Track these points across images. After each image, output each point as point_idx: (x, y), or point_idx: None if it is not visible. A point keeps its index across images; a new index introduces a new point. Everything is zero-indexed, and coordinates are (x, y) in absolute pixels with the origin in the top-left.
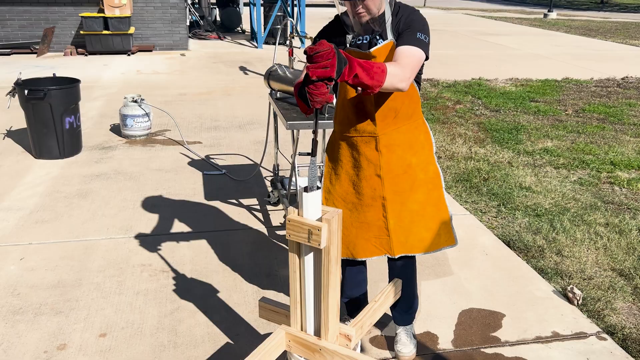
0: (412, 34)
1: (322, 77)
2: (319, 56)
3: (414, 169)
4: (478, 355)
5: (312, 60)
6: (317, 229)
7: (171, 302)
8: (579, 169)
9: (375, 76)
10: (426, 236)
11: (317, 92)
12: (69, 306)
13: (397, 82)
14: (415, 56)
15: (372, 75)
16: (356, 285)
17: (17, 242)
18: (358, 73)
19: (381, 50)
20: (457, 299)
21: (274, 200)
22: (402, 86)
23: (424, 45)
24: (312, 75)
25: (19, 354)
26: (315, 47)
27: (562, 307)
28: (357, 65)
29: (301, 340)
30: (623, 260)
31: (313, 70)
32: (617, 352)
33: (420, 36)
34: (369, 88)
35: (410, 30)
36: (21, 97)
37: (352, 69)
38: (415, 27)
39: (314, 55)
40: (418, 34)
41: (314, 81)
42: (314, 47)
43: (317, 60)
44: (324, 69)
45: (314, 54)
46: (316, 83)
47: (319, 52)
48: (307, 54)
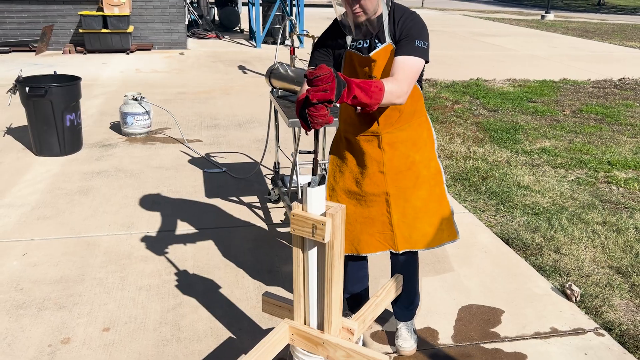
0: (411, 42)
1: (322, 100)
2: (318, 80)
3: (417, 165)
4: (478, 350)
5: (312, 84)
6: (321, 224)
7: (173, 298)
8: (577, 169)
9: (374, 95)
10: (429, 231)
11: (317, 114)
12: (72, 301)
13: (394, 98)
14: (414, 67)
15: (370, 94)
16: (358, 281)
17: (19, 238)
18: (357, 94)
19: (380, 53)
20: (457, 295)
21: (275, 198)
22: (400, 102)
23: (423, 52)
24: (313, 98)
25: (24, 347)
26: (315, 72)
27: (560, 304)
28: (356, 87)
29: (304, 334)
30: (620, 258)
31: (313, 93)
32: (614, 347)
33: (418, 44)
34: (367, 107)
35: (409, 38)
36: (22, 95)
37: (350, 91)
38: (413, 35)
39: (314, 79)
40: (416, 41)
41: (315, 104)
42: (314, 72)
43: (317, 84)
44: (324, 92)
45: (313, 78)
46: (316, 105)
47: (319, 76)
48: (307, 77)
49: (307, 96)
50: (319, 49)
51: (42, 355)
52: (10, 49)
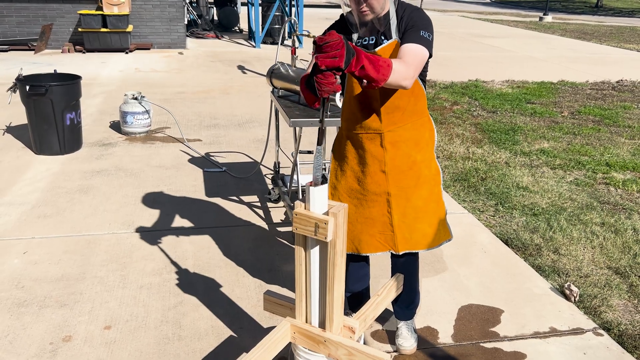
0: (416, 32)
1: (330, 66)
2: (328, 46)
3: (418, 165)
4: (477, 349)
5: (321, 50)
6: (323, 223)
7: (174, 296)
8: (575, 170)
9: (381, 70)
10: (429, 232)
11: (326, 81)
12: (73, 299)
13: (401, 79)
14: (419, 54)
15: (378, 68)
16: (359, 280)
17: (19, 236)
18: (365, 65)
19: (386, 49)
20: (457, 295)
21: (275, 198)
22: (406, 84)
23: (427, 43)
24: (321, 64)
25: (25, 345)
26: (324, 38)
27: (559, 304)
28: (364, 58)
29: (306, 332)
30: (619, 259)
31: (322, 59)
32: (613, 347)
33: (423, 34)
34: (374, 81)
35: (414, 28)
36: (22, 93)
37: (359, 61)
38: (418, 26)
39: (323, 45)
40: (422, 32)
41: (323, 70)
42: (324, 38)
43: (326, 50)
44: (333, 59)
45: (323, 44)
46: (325, 72)
47: (328, 42)
48: (316, 43)
49: (316, 63)
50: None
51: (44, 353)
52: (9, 47)
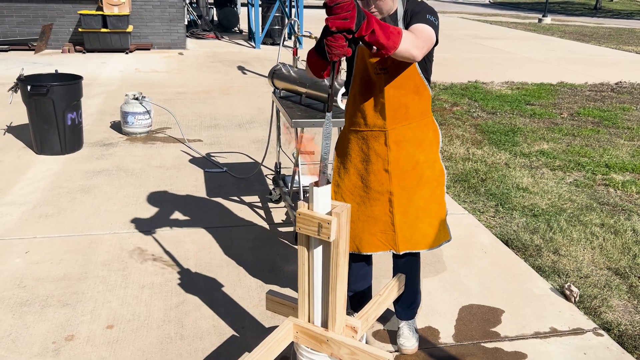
0: (422, 15)
1: (341, 28)
2: (338, 7)
3: (421, 165)
4: (478, 349)
5: (331, 12)
6: (327, 223)
7: (176, 296)
8: (575, 171)
9: (392, 36)
10: (430, 232)
11: (336, 44)
12: (75, 298)
13: (411, 47)
14: (428, 31)
15: (389, 35)
16: (361, 280)
17: (21, 235)
18: (375, 30)
19: None
20: (457, 295)
21: (276, 198)
22: (416, 53)
23: (433, 25)
24: (332, 26)
25: (28, 344)
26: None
27: (559, 304)
28: (375, 22)
29: (309, 332)
30: (618, 260)
31: (332, 21)
32: (613, 347)
33: (430, 18)
34: (384, 48)
35: (420, 14)
36: (24, 93)
37: (369, 24)
38: (424, 11)
39: (334, 6)
40: (428, 15)
41: (333, 32)
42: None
43: (336, 11)
44: (344, 20)
45: (334, 5)
46: (335, 35)
47: (339, 3)
48: (326, 5)
49: (326, 25)
50: None
51: (47, 352)
52: (9, 47)
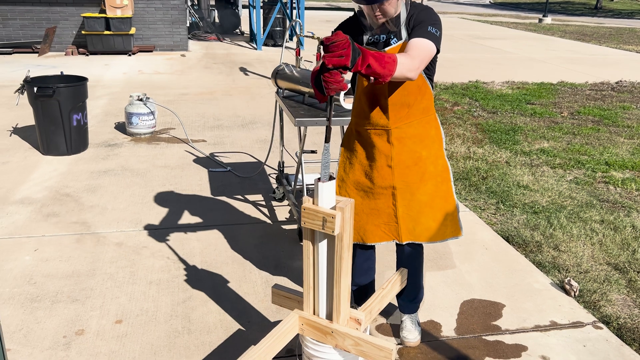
0: (424, 27)
1: (337, 65)
2: (335, 46)
3: (424, 161)
4: (480, 342)
5: (328, 50)
6: (331, 217)
7: (183, 292)
8: (575, 169)
9: (387, 65)
10: (433, 226)
11: (332, 79)
12: (84, 294)
13: (406, 71)
14: (426, 48)
15: (384, 64)
16: (364, 273)
17: (30, 234)
18: (370, 63)
19: (395, 50)
20: (459, 290)
21: (279, 196)
22: (411, 75)
23: (434, 38)
24: (328, 63)
25: (39, 338)
26: (331, 37)
27: (559, 299)
28: (370, 56)
29: (314, 324)
30: (618, 255)
31: (329, 59)
32: (612, 340)
33: (431, 29)
34: (380, 77)
35: (422, 24)
36: (30, 95)
37: (365, 59)
38: (427, 22)
39: (330, 45)
40: (429, 27)
41: (330, 69)
42: (331, 37)
43: (333, 49)
44: (340, 58)
45: (330, 43)
46: (331, 71)
47: (335, 42)
48: (323, 43)
49: (323, 62)
50: None
51: (58, 345)
52: (13, 50)
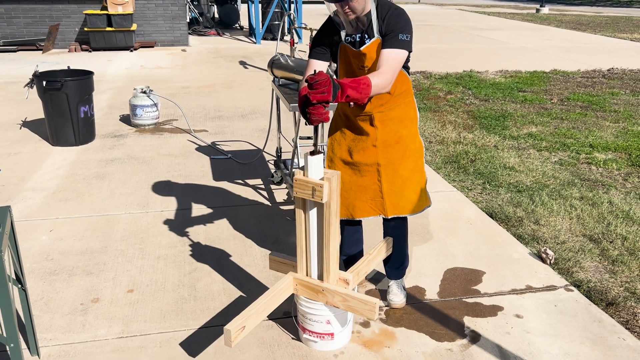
0: (395, 36)
1: (321, 100)
2: (317, 84)
3: (405, 140)
4: (460, 304)
5: (312, 87)
6: (319, 186)
7: (189, 265)
8: (560, 151)
9: (363, 91)
10: (414, 199)
11: (316, 112)
12: (98, 268)
13: (380, 89)
14: (397, 59)
15: (360, 91)
16: (353, 244)
17: (45, 217)
18: (349, 93)
19: (370, 47)
20: (443, 260)
21: (278, 180)
22: (386, 91)
23: (406, 44)
24: (313, 99)
25: (59, 306)
26: (314, 77)
27: (536, 266)
28: (348, 87)
29: (306, 284)
30: (594, 228)
31: (313, 95)
32: (581, 300)
33: (402, 37)
34: (358, 101)
35: (393, 33)
36: (39, 88)
37: (344, 92)
38: (397, 30)
39: (314, 83)
40: (400, 35)
41: (314, 104)
42: (314, 77)
43: (316, 87)
44: (322, 94)
45: (313, 82)
46: (315, 105)
47: (318, 81)
48: (307, 82)
49: (308, 97)
50: (316, 47)
51: (76, 311)
52: (17, 48)
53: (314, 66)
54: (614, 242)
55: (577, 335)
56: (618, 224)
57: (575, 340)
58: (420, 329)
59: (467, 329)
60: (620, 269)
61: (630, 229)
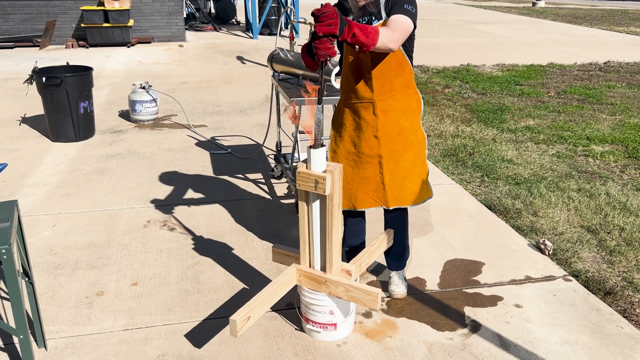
0: (400, 6)
1: (327, 33)
2: (324, 16)
3: (406, 131)
4: (460, 294)
5: (318, 20)
6: (322, 179)
7: (192, 258)
8: (558, 144)
9: (370, 35)
10: (415, 190)
11: (322, 46)
12: (101, 262)
13: (388, 42)
14: (404, 23)
15: (367, 34)
16: (355, 235)
17: (47, 212)
18: (355, 32)
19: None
20: (443, 251)
21: (278, 174)
22: (393, 46)
23: (411, 14)
24: (319, 31)
25: (64, 299)
26: (321, 9)
27: (535, 257)
28: (355, 26)
29: (309, 275)
30: (591, 219)
31: (319, 27)
32: (579, 290)
33: (407, 7)
34: (364, 45)
35: (399, 3)
36: (39, 84)
37: (350, 29)
38: (403, 1)
39: (320, 15)
40: (405, 5)
41: (320, 37)
42: (321, 9)
43: (322, 19)
44: (329, 27)
45: (320, 14)
46: (322, 39)
47: (325, 12)
48: (314, 14)
49: (314, 30)
50: None
51: (81, 304)
52: (14, 44)
53: None
54: (612, 233)
55: (575, 324)
56: (615, 215)
57: (574, 329)
58: (421, 319)
59: (468, 319)
60: (618, 259)
61: (627, 220)
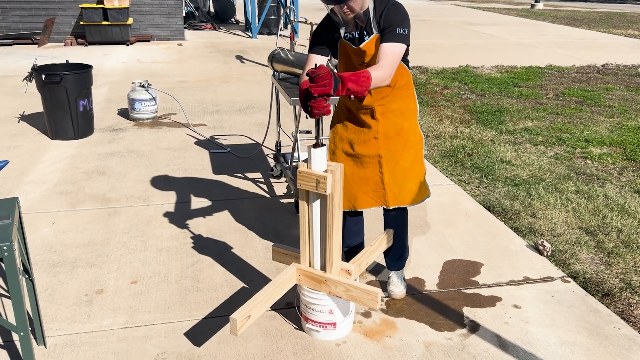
0: (393, 30)
1: (322, 94)
2: (319, 78)
3: (405, 132)
4: (459, 294)
5: (313, 81)
6: (323, 179)
7: (191, 257)
8: (556, 146)
9: (363, 84)
10: (414, 189)
11: (317, 105)
12: (101, 260)
13: (380, 82)
14: (396, 53)
15: (360, 84)
16: (354, 235)
17: (46, 209)
18: (349, 87)
19: (369, 44)
20: (442, 252)
21: (277, 173)
22: (385, 84)
23: (404, 38)
24: (314, 92)
25: (64, 297)
26: (315, 71)
27: (533, 258)
28: (348, 81)
29: (309, 274)
30: (589, 221)
31: (315, 88)
32: (578, 291)
33: (399, 31)
34: (359, 94)
35: (391, 27)
36: (38, 82)
37: (344, 85)
38: (395, 24)
39: (315, 77)
40: (397, 29)
41: (316, 97)
42: (315, 71)
43: (317, 81)
44: (324, 87)
45: (315, 76)
46: (317, 98)
47: (319, 74)
48: (309, 76)
49: (309, 90)
50: (316, 42)
51: (81, 302)
52: (13, 41)
53: (315, 60)
54: (610, 235)
55: (574, 325)
56: (613, 216)
57: (572, 330)
58: (420, 319)
59: (467, 319)
60: (616, 261)
61: (625, 222)
